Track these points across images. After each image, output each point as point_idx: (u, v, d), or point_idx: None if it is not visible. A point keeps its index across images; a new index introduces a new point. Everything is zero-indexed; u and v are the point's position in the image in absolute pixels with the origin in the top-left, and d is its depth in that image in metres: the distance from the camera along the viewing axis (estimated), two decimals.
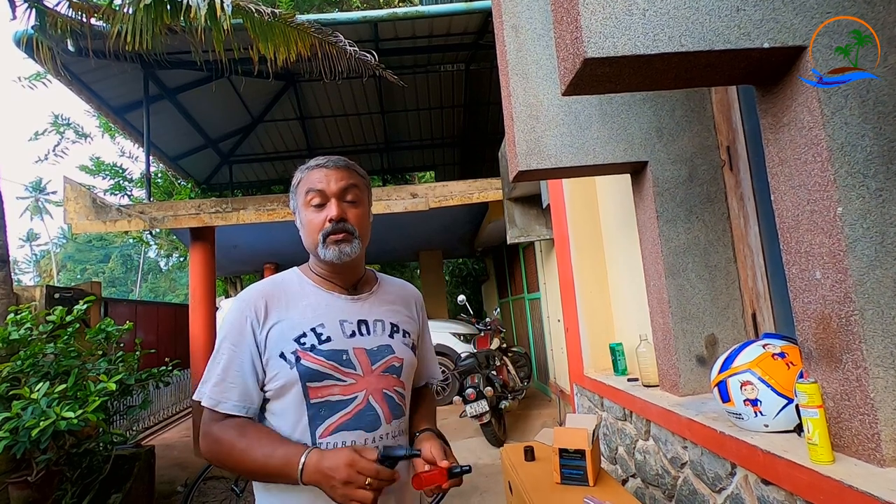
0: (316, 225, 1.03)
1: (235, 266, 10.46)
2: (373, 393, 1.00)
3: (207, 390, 0.97)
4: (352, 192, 1.05)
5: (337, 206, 1.02)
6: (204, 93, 6.90)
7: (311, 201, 1.04)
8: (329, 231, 1.01)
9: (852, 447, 1.13)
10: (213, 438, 0.96)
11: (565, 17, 1.21)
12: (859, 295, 1.09)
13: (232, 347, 0.98)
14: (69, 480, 2.89)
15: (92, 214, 5.46)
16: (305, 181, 1.06)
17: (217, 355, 0.99)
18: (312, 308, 1.03)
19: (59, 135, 10.69)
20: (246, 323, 0.99)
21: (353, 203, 1.05)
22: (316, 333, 1.00)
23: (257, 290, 1.04)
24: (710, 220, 1.97)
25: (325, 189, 1.03)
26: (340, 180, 1.04)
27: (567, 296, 3.19)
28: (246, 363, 0.98)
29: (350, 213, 1.04)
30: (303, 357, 0.97)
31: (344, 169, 1.06)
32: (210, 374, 0.99)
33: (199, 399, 0.98)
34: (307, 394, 0.97)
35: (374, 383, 1.01)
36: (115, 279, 34.91)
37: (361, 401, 0.99)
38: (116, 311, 7.29)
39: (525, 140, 1.90)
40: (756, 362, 1.39)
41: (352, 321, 1.04)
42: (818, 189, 1.16)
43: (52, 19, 4.28)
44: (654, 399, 1.96)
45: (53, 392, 2.57)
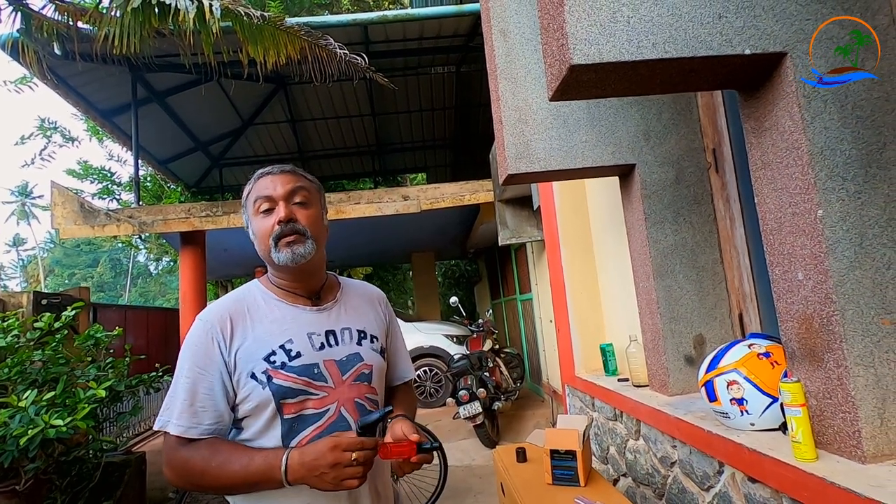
0: (266, 230, 1.01)
1: (226, 269, 10.39)
2: (344, 403, 1.00)
3: (174, 418, 0.92)
4: (300, 193, 1.04)
5: (285, 208, 1.00)
6: (193, 96, 6.86)
7: (259, 208, 1.02)
8: (279, 233, 0.99)
9: (835, 444, 1.16)
10: (182, 461, 0.91)
11: (552, 24, 1.22)
12: (840, 295, 1.12)
13: (198, 370, 0.95)
14: (58, 489, 2.85)
15: (80, 219, 5.41)
16: (254, 190, 1.04)
17: (179, 379, 0.95)
18: (278, 323, 1.01)
19: (45, 139, 10.56)
20: (213, 344, 0.96)
21: (302, 204, 1.03)
22: (285, 350, 0.98)
23: (220, 307, 1.01)
24: (697, 222, 2.00)
25: (272, 194, 1.01)
26: (287, 183, 1.03)
27: (558, 297, 3.21)
28: (216, 385, 0.95)
29: (300, 214, 1.02)
30: (274, 376, 0.95)
31: (290, 173, 1.05)
32: (174, 400, 0.94)
33: (162, 428, 0.93)
34: (281, 410, 0.96)
35: (346, 393, 1.01)
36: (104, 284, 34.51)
37: (334, 412, 0.99)
38: (106, 317, 7.21)
39: (514, 143, 1.92)
40: (742, 362, 1.42)
41: (320, 333, 1.03)
42: (799, 192, 1.19)
43: (38, 22, 4.24)
44: (643, 399, 1.98)
45: (42, 400, 2.54)
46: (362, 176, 11.11)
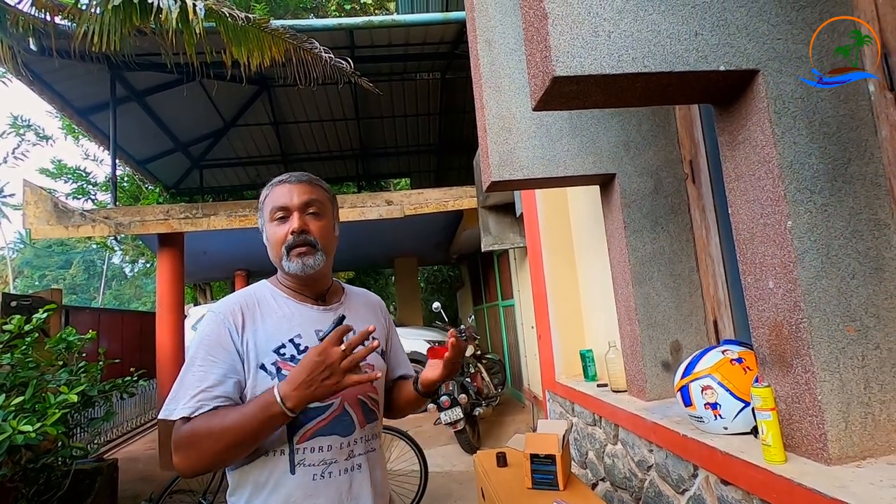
0: (279, 238, 1.06)
1: (205, 273, 10.20)
2: (348, 399, 1.04)
3: (181, 404, 0.93)
4: (314, 205, 1.08)
5: (298, 219, 1.05)
6: (174, 96, 6.75)
7: (274, 216, 1.07)
8: (291, 244, 1.04)
9: (802, 447, 1.20)
10: (188, 433, 0.91)
11: (535, 36, 1.25)
12: (807, 303, 1.17)
13: (211, 359, 0.97)
14: (25, 497, 2.76)
15: (53, 219, 5.26)
16: (270, 198, 1.09)
17: (190, 369, 0.96)
18: (287, 319, 1.05)
19: (18, 136, 10.26)
20: (226, 333, 0.99)
21: (315, 215, 1.08)
22: (294, 343, 1.02)
23: (231, 301, 1.05)
24: (675, 231, 2.05)
25: (287, 204, 1.06)
26: (303, 194, 1.07)
27: (540, 303, 3.24)
28: (230, 372, 0.97)
29: (312, 226, 1.07)
30: (283, 367, 0.99)
31: (307, 183, 1.09)
32: (182, 389, 0.95)
33: (167, 417, 0.93)
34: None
35: (350, 390, 1.02)
36: (77, 286, 33.50)
37: (337, 407, 1.02)
38: (78, 320, 7.00)
39: (498, 151, 1.95)
40: (716, 367, 1.46)
41: (326, 331, 1.06)
42: (770, 203, 1.24)
43: (14, 17, 4.13)
44: (621, 404, 2.02)
45: (9, 405, 2.46)
46: (346, 180, 11.05)
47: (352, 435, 1.03)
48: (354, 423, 1.04)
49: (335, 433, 1.01)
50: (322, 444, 0.99)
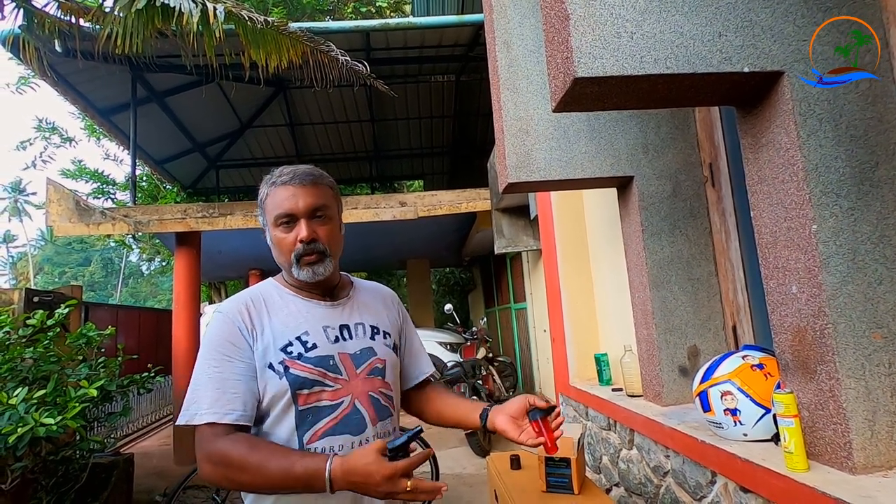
0: (287, 245, 1.03)
1: (220, 272, 10.34)
2: (359, 396, 1.02)
3: (204, 409, 0.92)
4: (321, 209, 1.05)
5: (307, 227, 1.02)
6: (192, 97, 6.86)
7: (279, 221, 1.03)
8: (301, 253, 1.02)
9: (826, 455, 1.18)
10: (222, 454, 0.89)
11: (556, 37, 1.25)
12: (832, 309, 1.14)
13: (226, 358, 0.96)
14: (44, 489, 2.81)
15: (75, 217, 5.37)
16: (273, 200, 1.04)
17: (204, 371, 0.95)
18: (294, 316, 1.04)
19: (44, 140, 10.51)
20: (238, 333, 0.98)
21: (322, 220, 1.05)
22: (301, 341, 1.00)
23: (238, 301, 1.04)
24: (693, 235, 2.03)
25: (293, 210, 1.02)
26: (308, 198, 1.03)
27: (554, 306, 3.23)
28: (246, 370, 0.97)
29: (320, 231, 1.04)
30: (291, 366, 0.97)
31: (310, 185, 1.04)
32: (202, 391, 0.93)
33: (189, 421, 0.92)
34: (296, 401, 0.97)
35: (360, 386, 1.03)
36: (95, 283, 34.17)
37: (348, 405, 1.00)
38: (97, 316, 7.13)
39: (515, 153, 1.94)
40: (736, 373, 1.44)
41: (334, 326, 1.06)
42: (794, 207, 1.22)
43: (40, 20, 4.23)
44: (638, 409, 2.00)
45: (32, 397, 2.52)
46: (359, 181, 11.13)
47: (364, 433, 1.01)
48: (366, 420, 1.01)
49: (347, 432, 0.99)
50: (333, 444, 0.97)
